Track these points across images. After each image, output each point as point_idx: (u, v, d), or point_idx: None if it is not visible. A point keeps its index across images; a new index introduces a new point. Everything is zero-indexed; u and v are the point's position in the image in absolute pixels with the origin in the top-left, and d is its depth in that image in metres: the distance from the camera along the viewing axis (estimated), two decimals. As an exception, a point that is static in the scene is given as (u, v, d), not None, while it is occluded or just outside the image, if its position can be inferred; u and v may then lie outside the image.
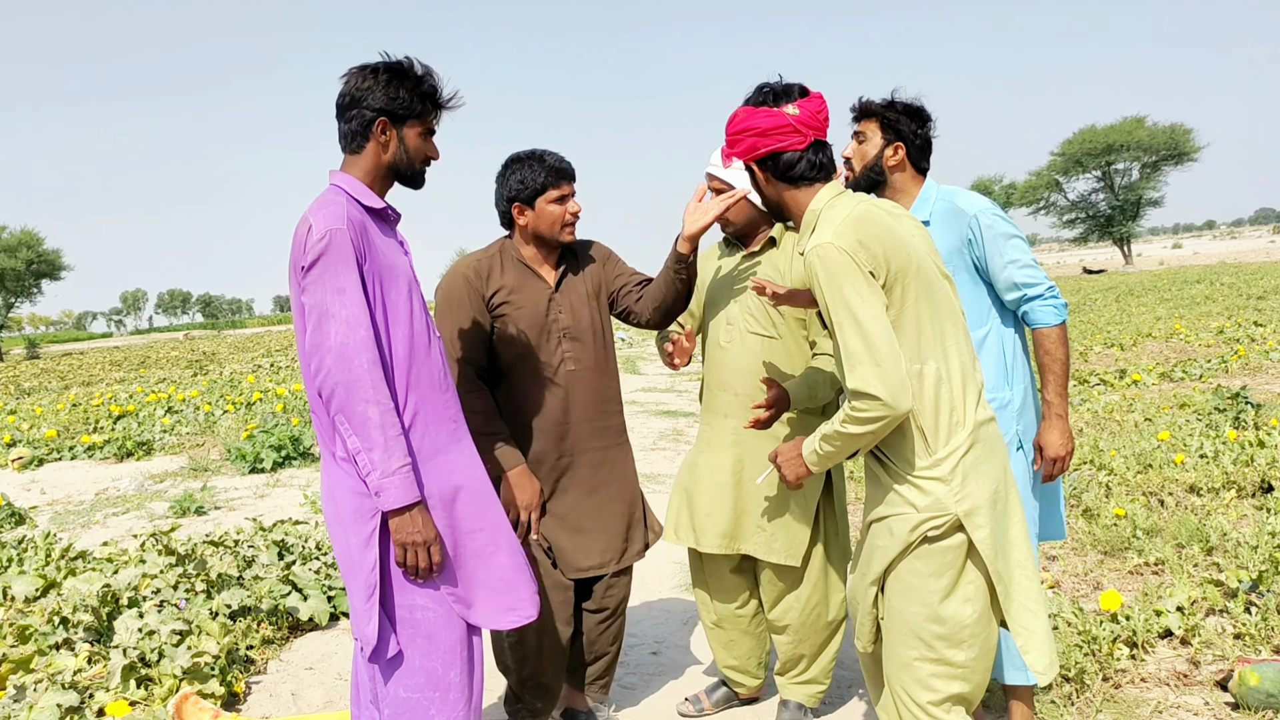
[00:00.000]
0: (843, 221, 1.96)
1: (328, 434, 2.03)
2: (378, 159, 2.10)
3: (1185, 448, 5.60)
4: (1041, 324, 2.42)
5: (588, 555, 2.75)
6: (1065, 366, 2.43)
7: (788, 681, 2.93)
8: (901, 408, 1.86)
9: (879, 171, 2.53)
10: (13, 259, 48.80)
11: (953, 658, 1.95)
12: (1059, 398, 2.43)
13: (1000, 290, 2.43)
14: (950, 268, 2.42)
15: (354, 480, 1.99)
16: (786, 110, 2.07)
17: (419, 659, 2.04)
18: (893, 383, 1.85)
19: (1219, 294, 20.20)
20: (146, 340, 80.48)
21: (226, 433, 9.85)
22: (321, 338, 1.92)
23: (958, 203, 2.46)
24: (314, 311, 1.93)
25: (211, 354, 31.17)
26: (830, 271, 1.90)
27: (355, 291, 1.94)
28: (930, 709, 1.98)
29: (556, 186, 2.69)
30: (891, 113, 2.50)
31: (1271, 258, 42.01)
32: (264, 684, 3.60)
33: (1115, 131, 48.93)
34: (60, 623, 3.72)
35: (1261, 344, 11.00)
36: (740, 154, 2.13)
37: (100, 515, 6.82)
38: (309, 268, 1.94)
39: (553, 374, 2.72)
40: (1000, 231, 2.41)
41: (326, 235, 1.93)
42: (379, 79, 2.06)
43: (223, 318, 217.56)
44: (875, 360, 1.85)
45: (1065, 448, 2.43)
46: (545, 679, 2.81)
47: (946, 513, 1.92)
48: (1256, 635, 3.15)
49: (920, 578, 1.96)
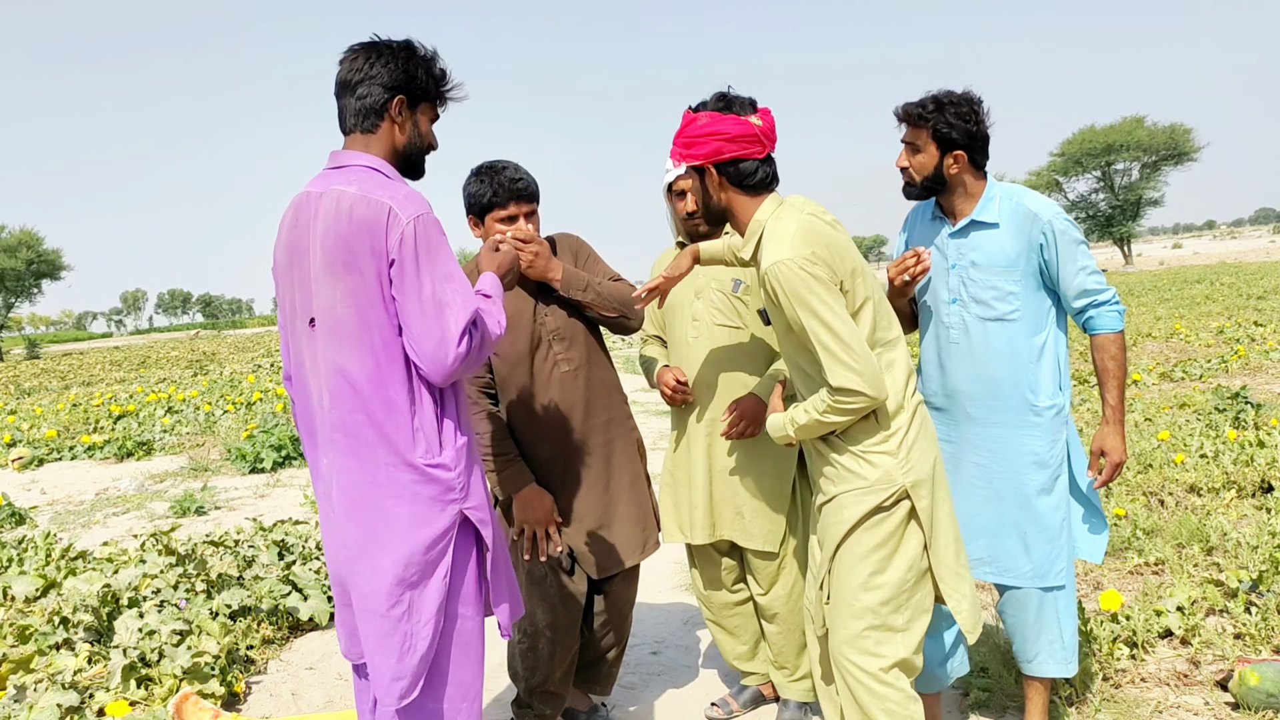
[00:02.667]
0: (793, 236, 2.08)
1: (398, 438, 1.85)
2: (391, 140, 1.96)
3: (1185, 448, 5.60)
4: (1106, 329, 2.42)
5: (609, 553, 2.76)
6: (1125, 371, 2.46)
7: (786, 680, 2.94)
8: (882, 396, 2.05)
9: (940, 180, 2.44)
10: (13, 259, 48.81)
11: (894, 622, 2.12)
12: (1120, 402, 2.44)
13: (1068, 296, 2.42)
14: (1017, 272, 2.41)
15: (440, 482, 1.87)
16: (752, 120, 2.16)
17: (453, 669, 1.94)
18: (870, 376, 2.03)
19: (1219, 294, 20.19)
20: (147, 340, 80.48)
21: (227, 433, 9.85)
22: (444, 330, 1.79)
23: (1028, 205, 2.41)
24: (428, 304, 1.79)
25: (211, 354, 31.17)
26: (792, 288, 2.04)
27: (461, 274, 1.85)
28: (880, 675, 2.10)
29: (504, 206, 2.60)
30: (943, 122, 2.37)
31: (1271, 258, 41.99)
32: (264, 684, 3.60)
33: (1115, 131, 48.90)
34: (60, 623, 3.72)
35: (1261, 344, 10.99)
36: (703, 156, 2.16)
37: (100, 515, 6.82)
38: (412, 257, 1.79)
39: (549, 378, 2.71)
40: (1072, 237, 2.39)
41: (420, 219, 1.81)
42: (396, 55, 1.93)
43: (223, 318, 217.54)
44: (853, 359, 2.02)
45: (1124, 453, 2.47)
46: (553, 686, 2.82)
47: (895, 484, 2.10)
48: (1256, 635, 3.15)
49: (865, 548, 2.12)
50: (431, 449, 1.87)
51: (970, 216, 2.46)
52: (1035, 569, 2.45)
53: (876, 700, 2.10)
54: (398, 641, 1.86)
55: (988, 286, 2.43)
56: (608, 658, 2.97)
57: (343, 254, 1.82)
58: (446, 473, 1.88)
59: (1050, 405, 2.43)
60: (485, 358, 1.93)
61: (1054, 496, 2.45)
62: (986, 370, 2.44)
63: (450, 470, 1.88)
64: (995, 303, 2.43)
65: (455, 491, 1.89)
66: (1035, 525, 2.44)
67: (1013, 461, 2.44)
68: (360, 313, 1.83)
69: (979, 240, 2.45)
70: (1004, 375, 2.43)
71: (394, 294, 1.82)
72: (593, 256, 2.87)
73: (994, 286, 2.42)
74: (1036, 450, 2.43)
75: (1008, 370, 2.43)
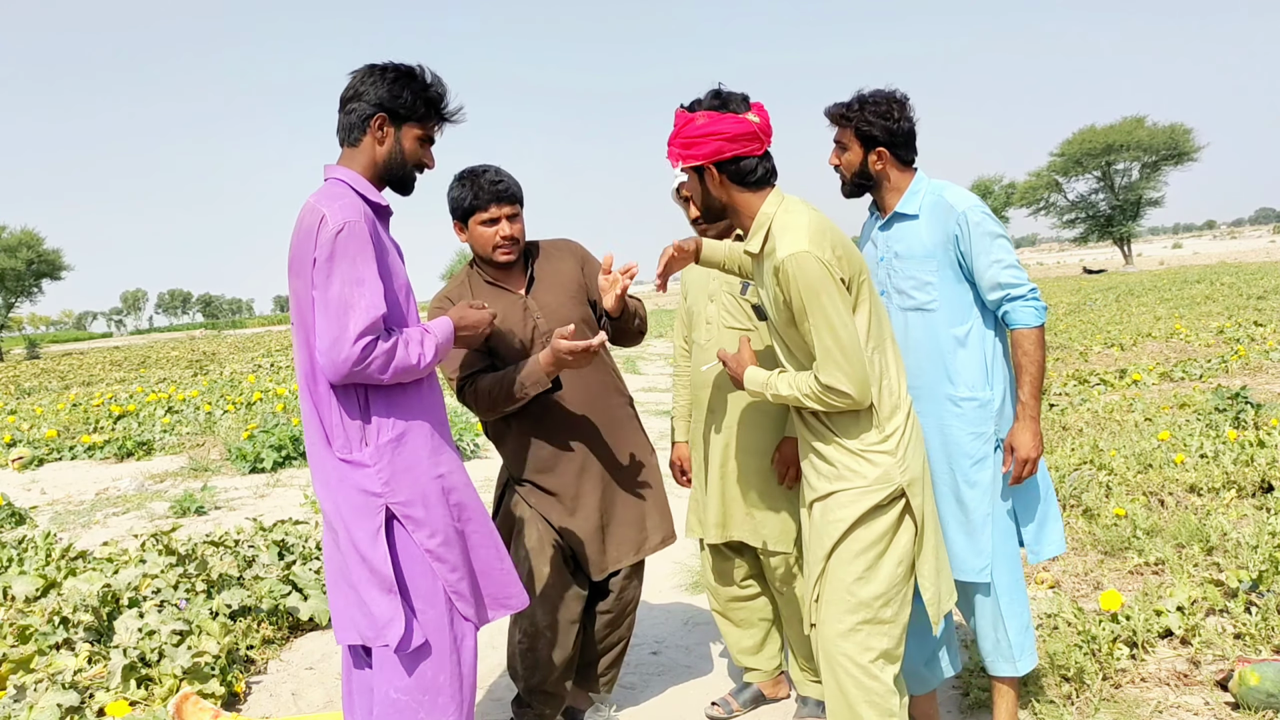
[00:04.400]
0: (811, 229, 2.10)
1: (323, 431, 2.01)
2: (372, 155, 2.08)
3: (1185, 448, 5.60)
4: (1021, 324, 2.43)
5: (608, 553, 2.76)
6: (1041, 368, 2.45)
7: (805, 679, 2.96)
8: (866, 401, 2.13)
9: (867, 177, 2.53)
10: (13, 259, 48.80)
11: (884, 615, 2.18)
12: (1033, 399, 2.43)
13: (983, 289, 2.44)
14: (935, 263, 2.46)
15: (358, 475, 1.99)
16: (749, 117, 2.18)
17: (409, 661, 2.04)
18: (860, 381, 2.09)
19: (1219, 294, 20.20)
20: (147, 340, 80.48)
21: (227, 433, 9.84)
22: (341, 330, 1.90)
23: (947, 198, 2.47)
24: (333, 305, 1.90)
25: (211, 354, 31.17)
26: (809, 281, 2.07)
27: (375, 282, 1.93)
28: (870, 668, 2.16)
29: (485, 209, 2.63)
30: (863, 120, 2.46)
31: (1271, 258, 42.00)
32: (264, 684, 3.60)
33: (1115, 131, 48.92)
34: (60, 623, 3.72)
35: (1261, 344, 10.99)
36: (703, 155, 2.17)
37: (100, 515, 6.82)
38: (326, 260, 1.91)
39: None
40: (987, 230, 2.42)
41: (344, 227, 1.91)
42: (385, 76, 2.07)
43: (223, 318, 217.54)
44: (847, 361, 2.08)
45: (1036, 449, 2.43)
46: (553, 686, 2.82)
47: (893, 483, 2.15)
48: (1256, 635, 3.15)
49: (861, 545, 2.15)
50: (351, 444, 2.00)
51: (895, 209, 2.53)
52: (956, 560, 2.46)
53: (863, 692, 2.15)
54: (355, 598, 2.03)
55: (908, 276, 2.49)
56: (609, 657, 2.97)
57: (294, 260, 2.00)
58: (363, 469, 1.99)
59: (971, 397, 2.43)
60: (396, 376, 1.98)
61: (977, 490, 2.44)
62: (909, 359, 2.46)
63: (368, 467, 1.99)
64: (914, 292, 2.48)
65: (376, 487, 1.98)
66: (958, 517, 2.46)
67: (938, 450, 2.46)
68: (301, 312, 1.99)
69: (901, 232, 2.52)
70: (924, 364, 2.47)
71: (313, 293, 1.95)
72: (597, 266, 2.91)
73: (913, 276, 2.48)
74: (959, 440, 2.44)
75: (926, 359, 2.47)
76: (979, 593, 2.50)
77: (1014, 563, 2.50)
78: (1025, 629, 2.53)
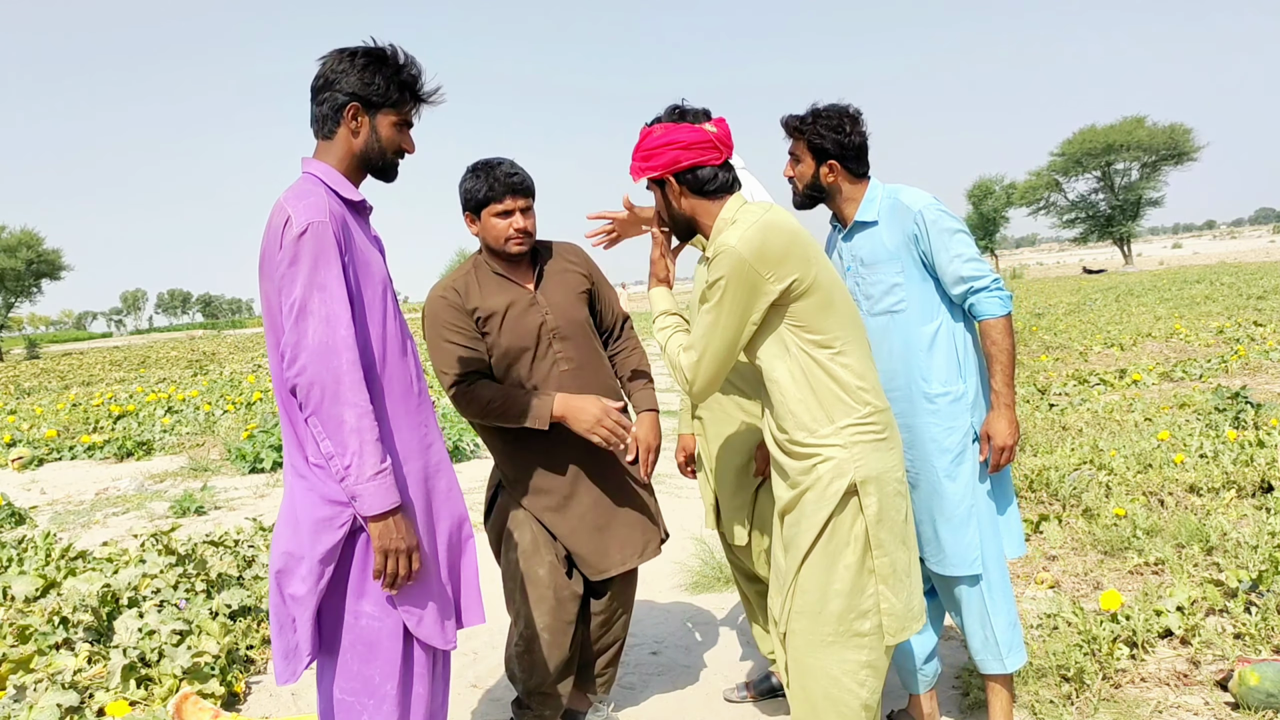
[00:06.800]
0: (750, 225, 2.06)
1: (295, 438, 1.95)
2: (348, 146, 2.01)
3: (1185, 448, 5.60)
4: (987, 315, 2.46)
5: (607, 555, 2.76)
6: (1011, 356, 2.47)
7: None
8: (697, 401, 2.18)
9: (819, 189, 2.56)
10: (13, 259, 48.83)
11: (860, 627, 2.11)
12: (1006, 387, 2.47)
13: (947, 284, 2.47)
14: (898, 264, 2.49)
15: (325, 486, 1.91)
16: (706, 127, 2.17)
17: (357, 664, 1.99)
18: (704, 383, 2.15)
19: (1219, 294, 20.20)
20: (147, 340, 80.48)
21: (226, 433, 9.84)
22: (299, 335, 1.83)
23: (903, 199, 2.50)
24: (292, 308, 1.83)
25: (211, 354, 31.17)
26: (726, 275, 2.04)
27: (338, 288, 1.85)
28: (842, 680, 2.10)
29: (500, 201, 2.65)
30: (815, 134, 2.49)
31: (1271, 258, 42.01)
32: (264, 684, 3.60)
33: (1115, 131, 48.96)
34: (60, 623, 3.72)
35: (1261, 344, 10.99)
36: (661, 166, 2.17)
37: (100, 515, 6.82)
38: (289, 262, 1.84)
39: (547, 376, 2.71)
40: (944, 226, 2.45)
41: (308, 228, 1.84)
42: (355, 63, 1.97)
43: (223, 318, 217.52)
44: (706, 360, 2.11)
45: (1012, 437, 2.46)
46: (551, 688, 2.81)
47: (845, 475, 2.06)
48: (1256, 635, 3.15)
49: (831, 558, 2.10)
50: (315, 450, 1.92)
51: (855, 218, 2.56)
52: (946, 556, 2.48)
53: (831, 704, 2.11)
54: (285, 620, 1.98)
55: (874, 282, 2.53)
56: (605, 658, 2.97)
57: (263, 261, 1.92)
58: (326, 474, 1.90)
59: (944, 392, 2.47)
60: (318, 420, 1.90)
61: (958, 483, 2.47)
62: (883, 363, 2.49)
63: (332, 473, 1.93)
64: (883, 296, 2.52)
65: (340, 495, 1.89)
66: (943, 513, 2.48)
67: (918, 449, 2.49)
68: (270, 315, 1.91)
69: (863, 240, 2.56)
70: (898, 366, 2.50)
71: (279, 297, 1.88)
72: (609, 288, 2.95)
73: (879, 281, 2.52)
74: (936, 436, 2.47)
75: (901, 361, 2.50)
76: (966, 589, 2.52)
77: (998, 558, 2.53)
78: (1012, 625, 2.55)
